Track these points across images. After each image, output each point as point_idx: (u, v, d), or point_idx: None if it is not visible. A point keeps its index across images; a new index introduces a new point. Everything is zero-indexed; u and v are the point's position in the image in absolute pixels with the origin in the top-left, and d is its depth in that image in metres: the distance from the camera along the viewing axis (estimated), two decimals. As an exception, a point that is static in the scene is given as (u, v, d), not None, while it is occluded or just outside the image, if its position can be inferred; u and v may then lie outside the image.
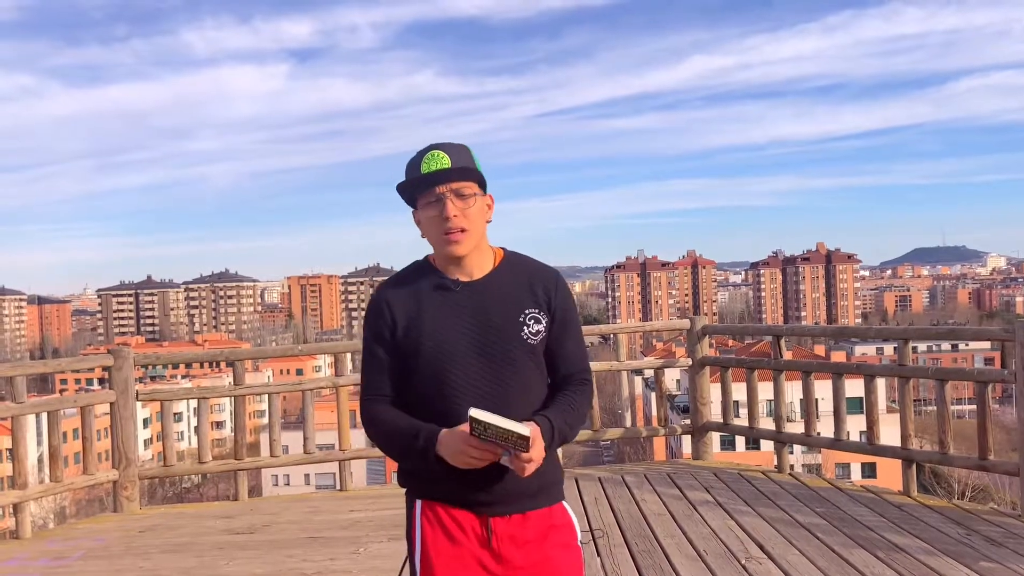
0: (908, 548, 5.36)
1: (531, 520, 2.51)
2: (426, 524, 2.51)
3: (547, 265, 2.67)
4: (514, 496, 2.48)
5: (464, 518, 2.49)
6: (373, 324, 2.58)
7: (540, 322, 2.55)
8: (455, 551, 2.47)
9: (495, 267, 2.59)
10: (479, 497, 2.47)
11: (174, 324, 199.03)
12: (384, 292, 2.60)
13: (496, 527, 2.48)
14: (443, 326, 2.50)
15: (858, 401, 7.43)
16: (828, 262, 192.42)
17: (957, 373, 7.08)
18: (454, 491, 2.48)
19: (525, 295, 2.56)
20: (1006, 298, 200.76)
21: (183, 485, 61.92)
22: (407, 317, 2.52)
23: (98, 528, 6.72)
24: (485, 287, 2.55)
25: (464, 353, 2.48)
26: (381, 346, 2.56)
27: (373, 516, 6.61)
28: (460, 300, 2.53)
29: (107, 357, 7.27)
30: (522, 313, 2.54)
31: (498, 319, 2.51)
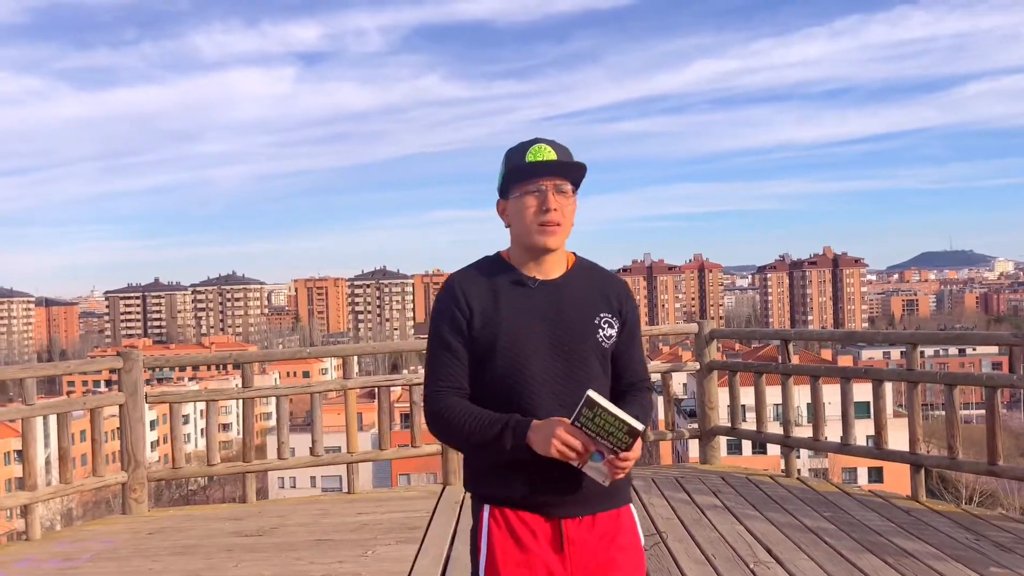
0: (917, 553, 5.35)
1: (600, 522, 2.50)
2: (494, 528, 2.49)
3: (615, 274, 2.70)
4: (587, 497, 2.46)
5: (534, 522, 2.47)
6: (448, 313, 2.53)
7: (613, 327, 2.57)
8: (523, 557, 2.45)
9: (569, 269, 2.59)
10: (552, 499, 2.45)
11: (181, 326, 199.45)
12: (461, 282, 2.56)
13: (567, 530, 2.47)
14: (521, 323, 2.48)
15: (865, 405, 7.42)
16: (835, 266, 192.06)
17: (966, 378, 7.08)
18: (526, 494, 2.45)
19: (599, 299, 2.57)
20: (1014, 303, 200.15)
21: (190, 487, 62.01)
22: (483, 310, 2.50)
23: (107, 530, 6.74)
24: (561, 287, 2.55)
25: (541, 351, 2.47)
26: (456, 336, 2.52)
27: (381, 519, 6.61)
28: (537, 298, 2.52)
29: (116, 359, 7.29)
30: (597, 316, 2.55)
31: (574, 320, 2.52)
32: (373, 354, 17.53)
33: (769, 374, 8.04)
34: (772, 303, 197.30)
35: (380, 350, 9.28)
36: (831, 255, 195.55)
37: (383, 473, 54.55)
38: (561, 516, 2.47)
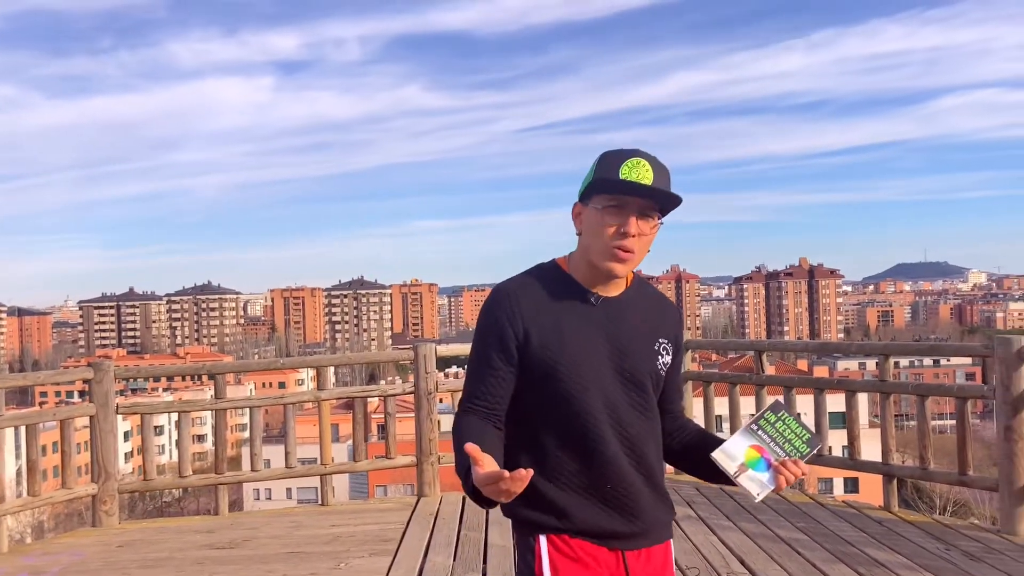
0: (889, 563, 5.38)
1: (654, 555, 2.35)
2: (554, 553, 2.26)
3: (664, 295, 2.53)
4: (650, 529, 2.32)
5: (598, 552, 2.27)
6: (497, 329, 2.28)
7: (669, 354, 2.38)
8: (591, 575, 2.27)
9: (628, 287, 2.37)
10: (619, 528, 2.27)
11: (156, 337, 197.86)
12: (515, 293, 2.31)
13: (631, 561, 2.29)
14: (583, 345, 2.26)
15: (840, 416, 7.47)
16: (811, 277, 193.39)
17: (937, 389, 7.13)
18: (590, 522, 2.26)
19: (659, 324, 2.38)
20: (987, 314, 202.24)
21: (163, 499, 61.43)
22: (541, 329, 2.26)
23: (77, 543, 6.66)
24: (623, 307, 2.34)
25: (603, 376, 2.26)
26: (501, 354, 2.28)
27: (355, 531, 6.58)
28: (598, 317, 2.30)
29: (87, 370, 7.22)
30: (657, 342, 2.35)
31: (636, 344, 2.32)
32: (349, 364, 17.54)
33: (744, 385, 8.08)
34: (748, 314, 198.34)
35: (355, 361, 9.24)
36: (807, 266, 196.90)
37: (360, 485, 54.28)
38: (623, 548, 2.29)
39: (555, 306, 2.29)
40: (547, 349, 2.25)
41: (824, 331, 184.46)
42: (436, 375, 7.68)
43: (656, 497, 2.34)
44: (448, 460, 7.85)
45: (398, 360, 8.96)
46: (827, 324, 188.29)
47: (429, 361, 7.60)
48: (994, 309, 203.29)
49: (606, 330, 2.29)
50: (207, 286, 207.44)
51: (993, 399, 6.30)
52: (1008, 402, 6.12)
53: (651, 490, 2.32)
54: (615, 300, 2.33)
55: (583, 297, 2.31)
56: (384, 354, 12.85)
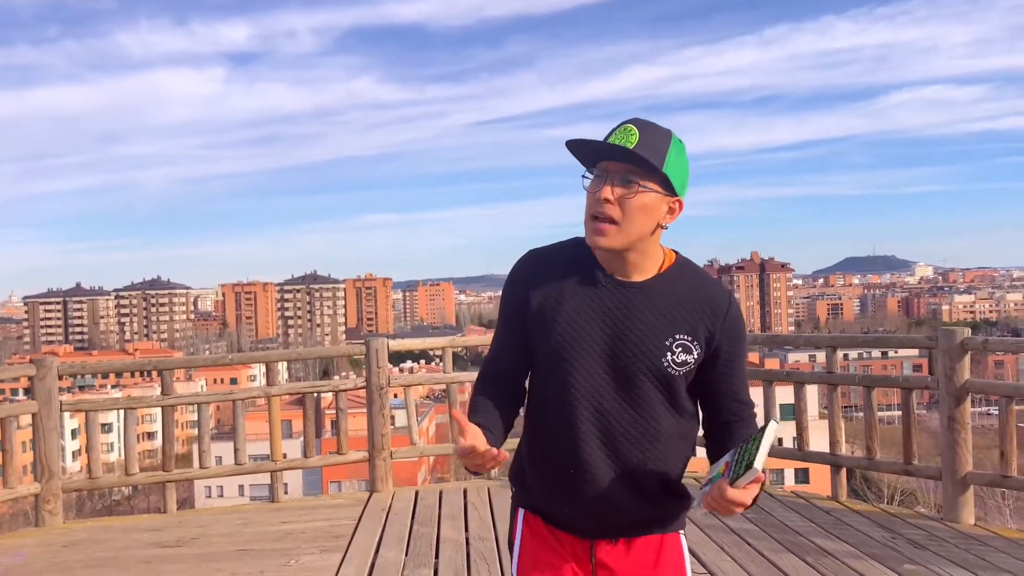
0: (836, 552, 5.46)
1: (637, 547, 2.25)
2: (526, 531, 2.29)
3: (720, 284, 2.25)
4: (625, 519, 2.22)
5: (566, 537, 2.25)
6: (507, 291, 2.27)
7: (691, 352, 2.15)
8: (556, 567, 2.24)
9: (659, 273, 2.19)
10: (584, 519, 2.22)
11: (104, 333, 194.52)
12: (529, 261, 2.26)
13: (599, 550, 2.24)
14: (578, 323, 2.15)
15: (790, 408, 7.56)
16: (762, 271, 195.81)
17: (883, 380, 7.25)
18: (556, 508, 2.24)
19: (682, 316, 2.16)
20: (933, 306, 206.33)
21: (112, 498, 60.46)
22: (543, 298, 2.19)
23: (18, 543, 6.51)
24: (639, 293, 2.16)
25: (592, 360, 2.14)
26: (510, 316, 2.26)
27: (306, 528, 6.51)
28: (604, 299, 2.16)
29: (29, 367, 7.06)
30: (671, 336, 2.14)
31: (639, 334, 2.14)
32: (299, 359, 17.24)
33: (694, 377, 8.13)
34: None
35: (305, 356, 9.15)
36: (758, 260, 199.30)
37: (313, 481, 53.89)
38: (594, 536, 2.24)
39: (564, 280, 2.20)
40: (541, 320, 2.19)
41: (775, 324, 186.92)
42: (388, 369, 7.64)
43: (635, 493, 2.19)
44: (401, 456, 7.82)
45: (350, 355, 8.90)
46: (778, 317, 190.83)
47: (381, 355, 7.55)
48: (940, 302, 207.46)
49: (607, 313, 2.16)
50: (156, 281, 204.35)
51: (937, 390, 6.42)
52: (951, 393, 6.24)
53: (627, 485, 2.18)
54: (634, 284, 2.17)
55: (593, 276, 2.18)
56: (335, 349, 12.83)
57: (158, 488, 7.53)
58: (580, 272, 2.19)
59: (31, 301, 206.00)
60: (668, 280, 2.19)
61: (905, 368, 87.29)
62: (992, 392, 6.90)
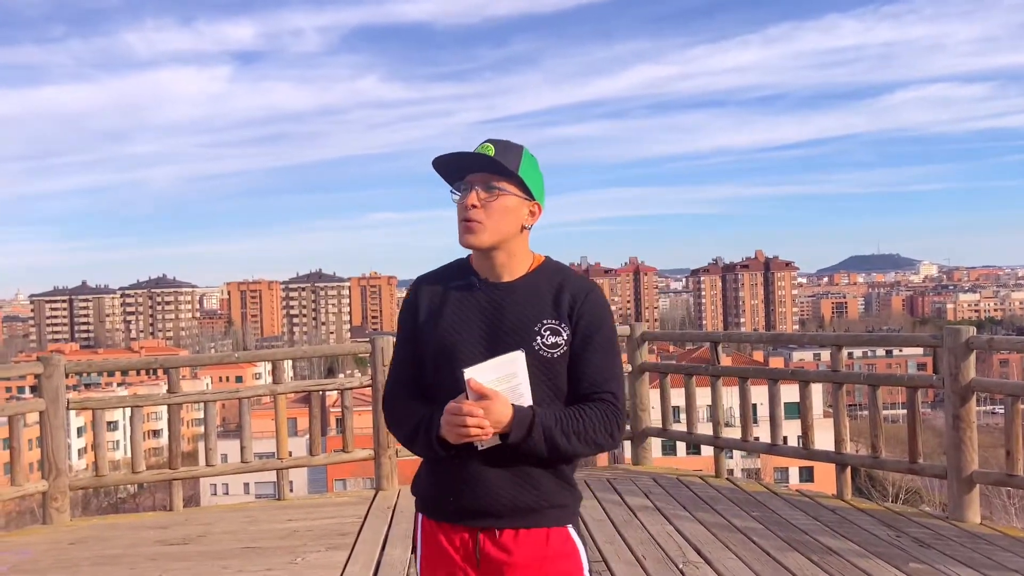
0: (841, 551, 5.46)
1: (523, 540, 2.34)
2: (424, 538, 2.46)
3: (585, 278, 2.50)
4: (503, 509, 2.32)
5: (454, 532, 2.37)
6: (402, 315, 2.53)
7: (559, 334, 2.36)
8: (447, 565, 2.38)
9: (527, 272, 2.46)
10: (463, 506, 2.34)
11: (110, 331, 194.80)
12: (418, 284, 2.54)
13: (484, 543, 2.34)
14: (455, 324, 2.40)
15: (795, 406, 7.56)
16: (767, 269, 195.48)
17: (888, 379, 7.26)
18: (440, 500, 2.39)
19: (548, 304, 2.40)
20: (937, 305, 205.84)
21: (119, 496, 60.59)
22: (430, 311, 2.45)
23: (26, 541, 6.54)
24: (509, 290, 2.42)
25: (470, 354, 2.33)
26: (406, 337, 2.49)
27: (312, 525, 6.53)
28: (479, 300, 2.42)
29: (37, 365, 7.09)
30: (539, 322, 2.37)
31: (511, 324, 2.37)
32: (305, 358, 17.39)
33: (700, 376, 8.14)
34: (705, 305, 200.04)
35: (311, 354, 9.17)
36: (763, 259, 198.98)
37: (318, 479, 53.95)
38: (478, 527, 2.35)
39: (445, 290, 2.47)
40: (428, 329, 2.43)
41: (780, 323, 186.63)
42: (393, 368, 7.64)
43: (519, 479, 2.32)
44: (406, 454, 7.83)
45: (355, 353, 8.91)
46: (783, 316, 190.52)
47: (386, 354, 7.56)
48: (944, 300, 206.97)
49: (484, 313, 2.40)
50: (162, 279, 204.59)
51: (942, 388, 6.41)
52: (956, 391, 6.24)
53: (510, 471, 2.31)
54: (503, 284, 2.43)
55: (469, 284, 2.45)
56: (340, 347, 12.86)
57: (164, 486, 7.56)
58: (458, 282, 2.47)
59: (37, 299, 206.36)
60: (535, 277, 2.46)
61: (910, 367, 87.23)
62: (997, 391, 6.89)
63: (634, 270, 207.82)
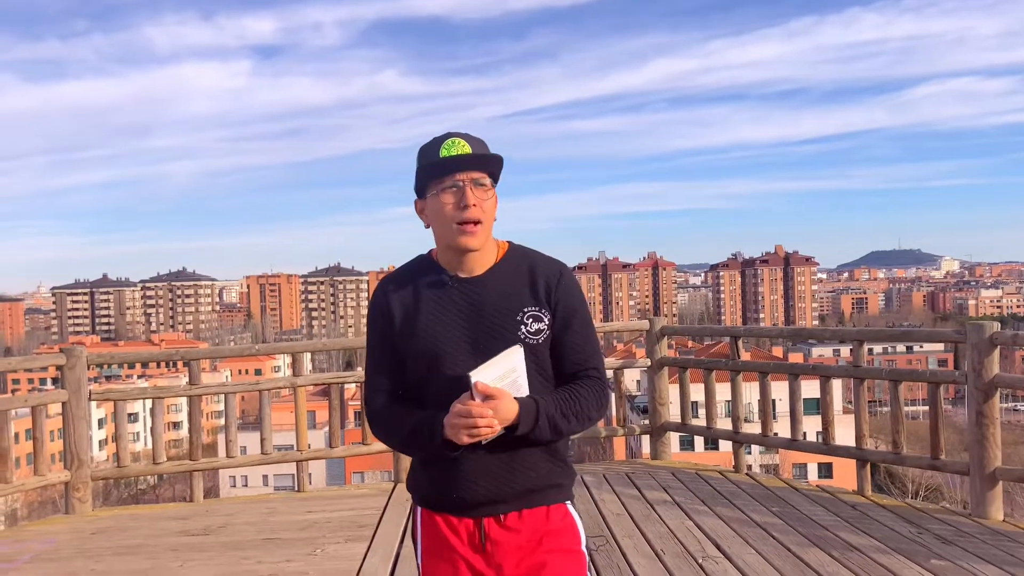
0: (862, 547, 5.42)
1: (526, 520, 2.40)
2: (424, 531, 2.46)
3: (553, 258, 2.50)
4: (507, 495, 2.38)
5: (458, 522, 2.41)
6: (372, 320, 2.50)
7: (541, 320, 2.40)
8: (450, 555, 2.40)
9: (496, 262, 2.45)
10: (468, 498, 2.37)
11: (130, 323, 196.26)
12: (384, 287, 2.50)
13: (489, 529, 2.38)
14: (437, 324, 2.39)
15: (815, 402, 7.52)
16: (786, 264, 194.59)
17: (910, 374, 7.19)
18: (444, 494, 2.40)
19: (525, 292, 2.42)
20: (959, 301, 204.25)
21: (139, 487, 61.07)
22: (404, 312, 2.43)
23: (49, 530, 6.60)
24: (482, 284, 2.42)
25: (459, 351, 2.36)
26: (380, 342, 2.47)
27: (331, 517, 6.56)
28: (455, 297, 2.41)
29: (59, 356, 7.14)
30: (520, 311, 2.39)
31: (493, 317, 2.38)
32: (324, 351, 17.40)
33: (719, 371, 8.11)
34: (725, 301, 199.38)
35: (331, 347, 9.19)
36: (783, 254, 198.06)
37: (337, 472, 54.19)
38: (482, 515, 2.39)
39: (416, 290, 2.44)
40: (405, 327, 2.42)
41: (799, 318, 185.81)
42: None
43: (519, 465, 2.38)
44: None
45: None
46: (802, 311, 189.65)
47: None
48: (966, 296, 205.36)
49: (460, 308, 2.40)
50: (182, 272, 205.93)
51: (965, 385, 6.36)
52: (980, 388, 6.18)
53: (510, 459, 2.36)
54: (475, 279, 2.42)
55: (441, 281, 2.43)
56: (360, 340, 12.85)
57: (184, 478, 7.60)
58: (427, 280, 2.45)
59: (59, 292, 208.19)
60: (506, 265, 2.45)
61: (930, 363, 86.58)
62: (1021, 387, 6.82)
63: (653, 265, 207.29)
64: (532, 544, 2.39)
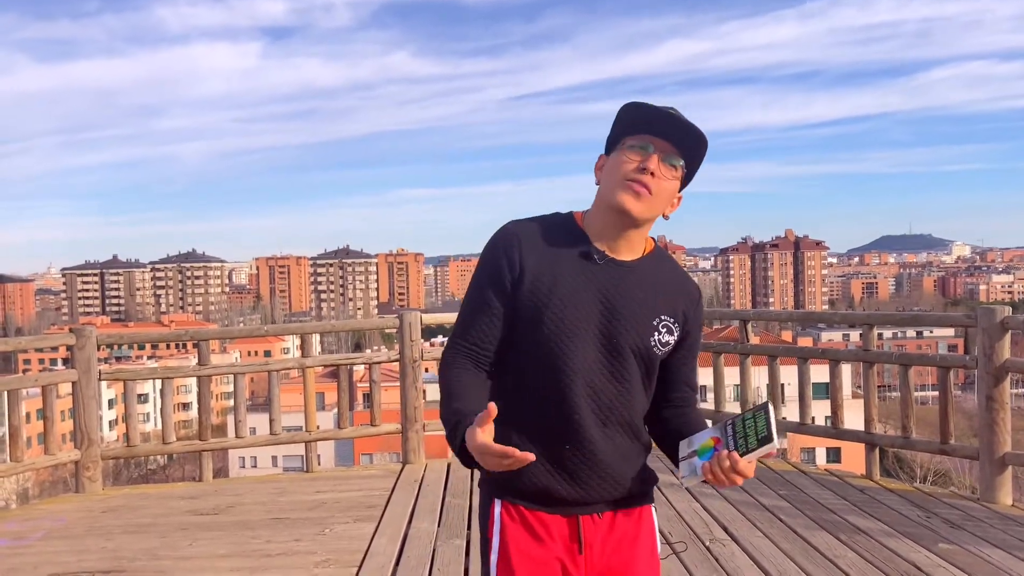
0: (869, 530, 5.43)
1: (619, 521, 2.27)
2: (508, 522, 2.22)
3: (689, 275, 2.37)
4: (609, 492, 2.23)
5: (551, 519, 2.21)
6: (495, 265, 2.19)
7: (672, 333, 2.24)
8: (540, 553, 2.20)
9: (644, 255, 2.25)
10: (568, 493, 2.19)
11: (140, 304, 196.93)
12: (520, 234, 2.20)
13: (585, 527, 2.22)
14: (575, 299, 2.15)
15: (824, 386, 7.50)
16: (796, 249, 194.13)
17: (920, 359, 7.17)
18: (540, 488, 2.19)
19: (665, 299, 2.24)
20: (970, 286, 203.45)
21: (149, 467, 61.45)
22: (538, 273, 2.16)
23: (60, 508, 6.64)
24: (630, 272, 2.21)
25: (587, 335, 2.16)
26: (497, 293, 2.18)
27: (340, 497, 6.58)
28: (600, 276, 2.18)
29: (69, 336, 7.17)
30: (658, 317, 2.22)
31: (632, 312, 2.18)
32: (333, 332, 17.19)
33: (728, 354, 8.09)
34: (734, 285, 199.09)
35: (340, 328, 9.23)
36: (793, 238, 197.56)
37: (345, 453, 54.40)
38: (578, 513, 2.22)
39: (556, 255, 2.19)
40: (536, 294, 2.16)
41: (809, 302, 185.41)
42: (421, 343, 7.67)
43: (623, 464, 2.24)
44: (433, 428, 7.85)
45: (383, 328, 8.94)
46: (812, 295, 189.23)
47: (414, 329, 7.59)
48: (977, 282, 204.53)
49: (602, 290, 2.18)
50: (192, 254, 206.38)
51: (975, 369, 6.34)
52: (990, 372, 6.16)
53: (618, 457, 2.22)
54: (624, 263, 2.22)
55: (587, 252, 2.20)
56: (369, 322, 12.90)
57: (193, 458, 7.65)
58: (574, 247, 2.20)
59: (69, 273, 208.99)
60: (652, 262, 2.27)
61: (940, 349, 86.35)
62: (1032, 372, 6.79)
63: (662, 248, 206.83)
64: (625, 545, 2.27)
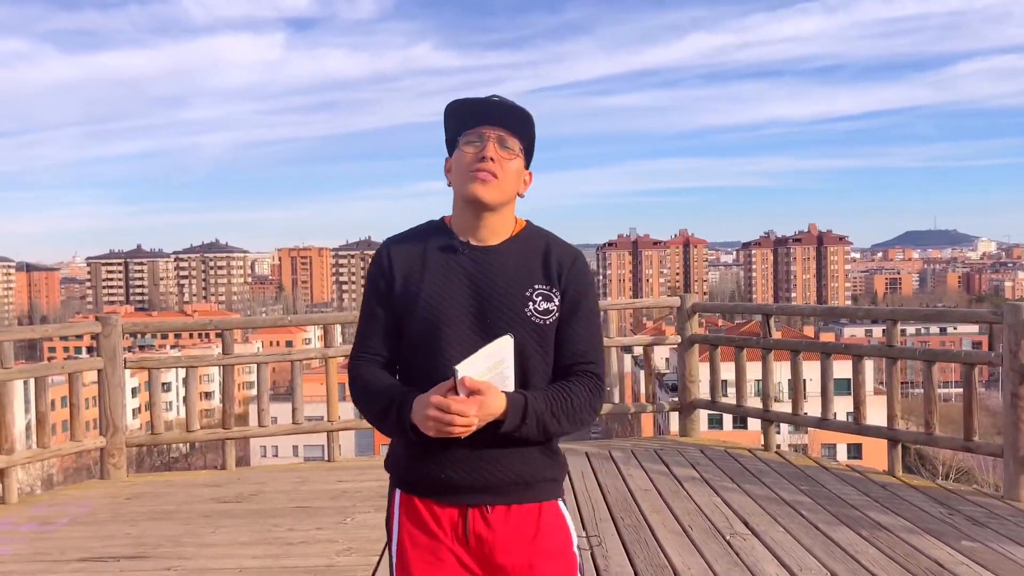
0: (891, 527, 5.40)
1: (515, 516, 2.25)
2: (403, 514, 2.30)
3: (569, 243, 2.40)
4: (496, 484, 2.23)
5: (441, 510, 2.25)
6: (373, 278, 2.35)
7: (551, 300, 2.28)
8: (432, 544, 2.25)
9: (511, 236, 2.34)
10: (454, 481, 2.22)
11: (163, 294, 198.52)
12: (388, 246, 2.37)
13: (473, 519, 2.24)
14: (441, 290, 2.26)
15: (846, 382, 7.46)
16: (820, 243, 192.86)
17: (944, 355, 7.12)
18: (428, 476, 2.24)
19: (537, 269, 2.30)
20: (995, 283, 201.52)
21: (171, 455, 61.96)
22: (407, 275, 2.29)
23: (85, 495, 6.72)
24: (494, 254, 2.30)
25: (460, 321, 2.24)
26: (378, 302, 2.33)
27: (361, 487, 6.62)
28: (464, 264, 2.28)
29: (95, 324, 7.24)
30: (530, 287, 2.27)
31: (501, 290, 2.26)
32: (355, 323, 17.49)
33: (750, 349, 8.07)
34: (756, 279, 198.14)
35: (362, 319, 9.27)
36: (816, 232, 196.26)
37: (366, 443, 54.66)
38: (468, 503, 2.24)
39: (424, 254, 2.32)
40: (408, 292, 2.29)
41: (832, 298, 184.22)
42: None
43: (512, 454, 2.24)
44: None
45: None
46: (835, 291, 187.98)
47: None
48: (1003, 278, 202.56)
49: (469, 276, 2.28)
50: (215, 244, 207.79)
51: (1000, 366, 6.28)
52: (1015, 369, 6.11)
53: (503, 443, 2.20)
54: (488, 248, 2.31)
55: (451, 245, 2.31)
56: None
57: (215, 448, 7.72)
58: (439, 244, 2.32)
59: (93, 262, 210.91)
60: (520, 241, 2.34)
61: (964, 345, 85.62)
62: (1058, 370, 6.72)
63: (684, 242, 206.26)
64: (522, 542, 2.25)
